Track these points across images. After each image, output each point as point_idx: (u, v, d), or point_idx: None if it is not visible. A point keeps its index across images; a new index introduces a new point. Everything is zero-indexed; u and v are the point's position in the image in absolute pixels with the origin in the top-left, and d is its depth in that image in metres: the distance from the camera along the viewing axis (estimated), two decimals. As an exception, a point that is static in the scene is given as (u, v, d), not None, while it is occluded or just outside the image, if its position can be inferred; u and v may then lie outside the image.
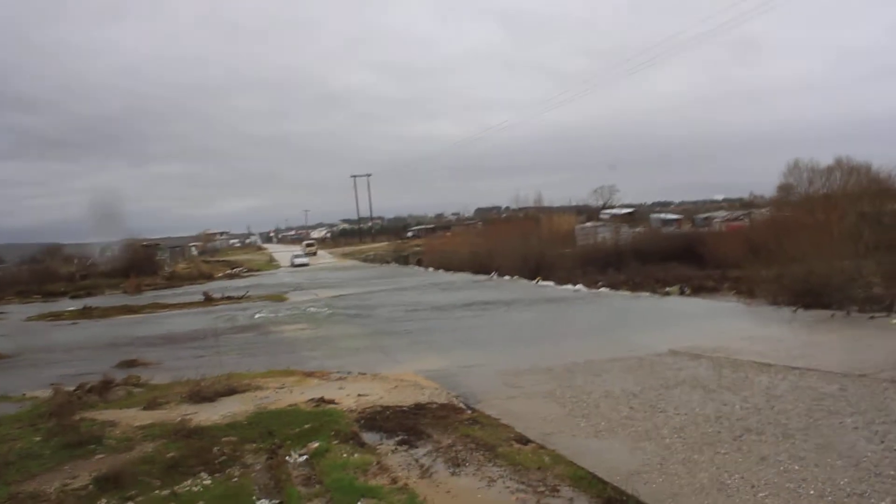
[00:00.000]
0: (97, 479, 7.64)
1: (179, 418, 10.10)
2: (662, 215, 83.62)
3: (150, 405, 11.44)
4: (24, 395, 13.54)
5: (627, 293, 26.75)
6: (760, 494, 6.16)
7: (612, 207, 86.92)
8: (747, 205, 74.44)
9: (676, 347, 13.77)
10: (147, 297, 43.78)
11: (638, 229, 55.60)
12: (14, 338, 25.01)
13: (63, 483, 7.71)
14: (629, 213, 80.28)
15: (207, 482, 7.42)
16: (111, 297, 46.58)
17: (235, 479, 7.48)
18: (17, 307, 43.48)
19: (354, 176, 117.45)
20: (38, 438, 9.72)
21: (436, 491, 6.84)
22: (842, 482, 6.26)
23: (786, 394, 9.60)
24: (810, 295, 17.87)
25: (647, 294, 25.90)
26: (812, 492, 6.13)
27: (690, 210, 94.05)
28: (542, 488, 6.76)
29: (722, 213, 71.92)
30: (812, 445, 7.32)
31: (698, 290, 25.94)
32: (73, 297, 47.78)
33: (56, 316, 34.94)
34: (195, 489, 7.22)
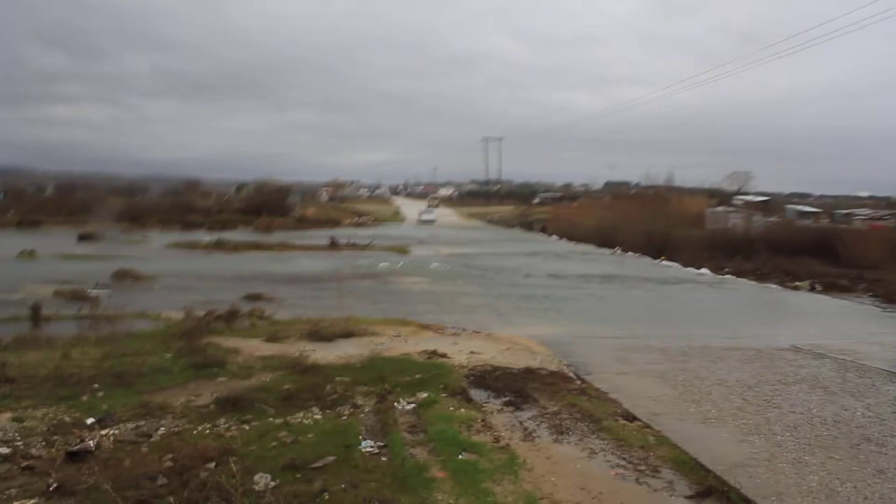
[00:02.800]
0: (218, 399, 8.16)
1: (298, 354, 10.55)
2: (799, 207, 79.85)
3: (272, 338, 12.02)
4: (160, 314, 14.45)
5: (754, 283, 25.86)
6: (872, 507, 5.94)
7: (747, 194, 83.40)
8: (894, 204, 70.18)
9: (800, 344, 13.26)
10: (277, 236, 45.40)
11: (772, 219, 53.35)
12: (154, 262, 26.57)
13: (188, 399, 8.28)
14: (763, 202, 76.81)
15: (318, 416, 7.78)
16: (243, 233, 48.47)
17: (344, 418, 7.80)
18: (158, 234, 45.95)
19: (486, 138, 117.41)
20: (168, 356, 10.43)
21: (536, 455, 6.92)
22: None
23: (915, 406, 9.14)
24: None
25: (775, 286, 24.97)
26: (930, 511, 5.85)
27: (830, 205, 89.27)
28: (642, 467, 6.74)
29: (865, 211, 67.87)
30: (937, 463, 6.96)
31: (830, 288, 24.74)
32: (208, 230, 50.01)
33: (192, 245, 36.74)
34: (306, 421, 7.59)
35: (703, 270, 29.33)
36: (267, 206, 62.16)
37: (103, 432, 6.92)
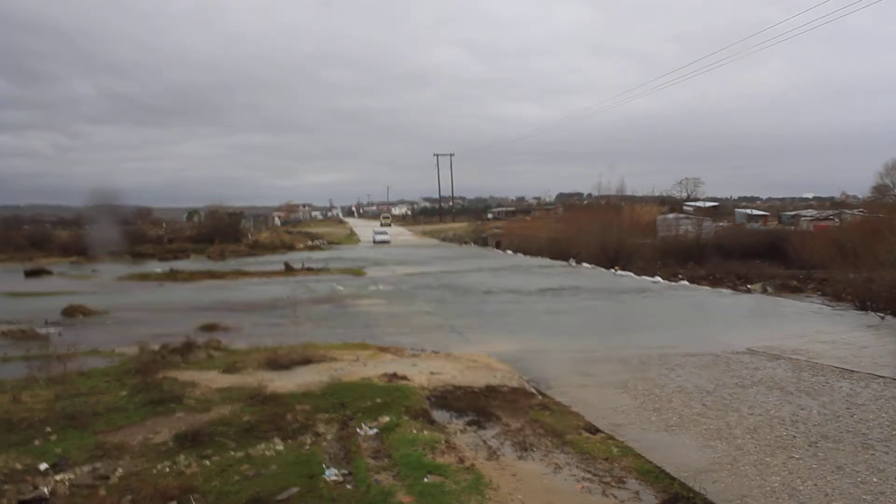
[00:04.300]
0: (177, 436, 7.98)
1: (256, 384, 10.38)
2: (748, 210, 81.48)
3: (229, 369, 11.82)
4: (113, 350, 14.13)
5: (707, 288, 26.25)
6: (833, 504, 6.03)
7: (696, 200, 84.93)
8: (838, 204, 71.99)
9: (755, 346, 13.47)
10: (230, 263, 44.91)
11: (722, 223, 54.33)
12: (105, 296, 26.07)
13: (145, 437, 8.09)
14: (713, 207, 78.30)
15: (280, 448, 7.65)
16: (196, 261, 47.88)
17: (307, 447, 7.69)
18: (108, 266, 45.11)
19: (437, 154, 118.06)
20: (123, 393, 10.20)
21: (501, 473, 6.90)
22: (921, 498, 6.07)
23: (868, 403, 9.32)
24: (901, 302, 17.24)
25: (728, 290, 25.38)
26: (889, 505, 5.96)
27: (777, 207, 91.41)
28: (608, 479, 6.77)
29: (811, 212, 69.53)
30: (894, 458, 7.10)
31: (781, 289, 25.27)
32: (160, 260, 49.36)
33: (144, 277, 36.13)
34: (268, 453, 7.47)
35: (658, 278, 29.69)
36: (219, 233, 61.61)
37: (58, 477, 6.72)
